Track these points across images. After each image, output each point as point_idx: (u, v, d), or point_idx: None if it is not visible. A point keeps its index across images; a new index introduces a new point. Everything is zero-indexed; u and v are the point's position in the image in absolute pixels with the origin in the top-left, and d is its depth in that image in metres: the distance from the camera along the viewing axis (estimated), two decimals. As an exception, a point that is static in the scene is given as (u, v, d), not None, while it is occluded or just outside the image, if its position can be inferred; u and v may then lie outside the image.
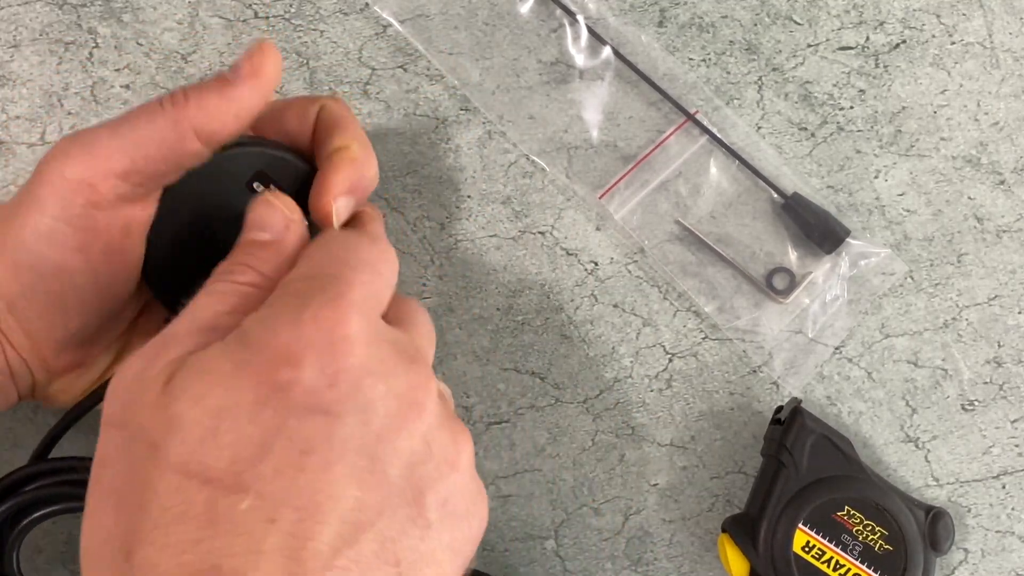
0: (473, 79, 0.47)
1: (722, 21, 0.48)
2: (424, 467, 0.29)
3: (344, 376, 0.28)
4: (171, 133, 0.34)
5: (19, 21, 0.47)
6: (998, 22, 0.49)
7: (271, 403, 0.27)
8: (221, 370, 0.27)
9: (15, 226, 0.35)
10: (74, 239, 0.34)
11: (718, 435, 0.47)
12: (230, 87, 0.35)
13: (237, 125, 0.35)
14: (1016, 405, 0.47)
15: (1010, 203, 0.48)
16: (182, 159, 0.35)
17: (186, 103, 0.34)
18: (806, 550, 0.42)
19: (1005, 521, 0.47)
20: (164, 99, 0.34)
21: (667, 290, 0.47)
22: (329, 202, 0.36)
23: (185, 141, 0.34)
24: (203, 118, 0.34)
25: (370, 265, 0.31)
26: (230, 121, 0.35)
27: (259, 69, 0.35)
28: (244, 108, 0.35)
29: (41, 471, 0.40)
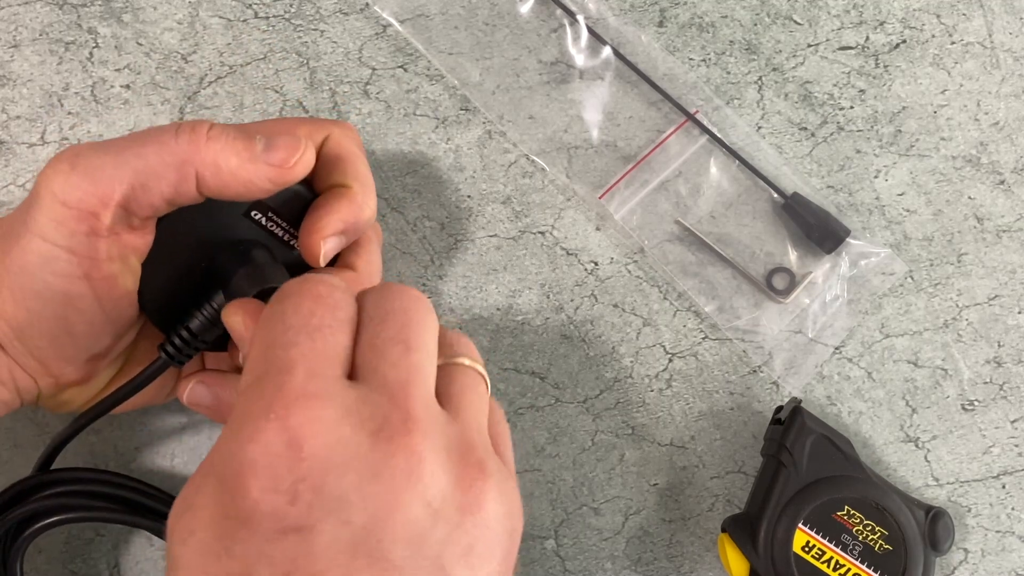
0: (473, 79, 0.47)
1: (722, 21, 0.48)
2: (434, 531, 0.26)
3: (302, 485, 0.25)
4: (174, 173, 0.33)
5: (19, 21, 0.47)
6: (998, 22, 0.49)
7: (242, 535, 0.25)
8: (200, 505, 0.26)
9: (18, 251, 0.34)
10: (77, 267, 0.34)
11: (718, 435, 0.47)
12: (253, 162, 0.34)
13: (242, 195, 0.34)
14: (1016, 405, 0.47)
15: (1010, 203, 0.48)
16: (180, 199, 0.34)
17: (198, 148, 0.33)
18: (806, 550, 0.42)
19: (1005, 521, 0.47)
20: (182, 129, 0.33)
21: (667, 290, 0.47)
22: (318, 243, 0.36)
23: (186, 184, 0.33)
24: (212, 174, 0.33)
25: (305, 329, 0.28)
26: (238, 189, 0.34)
27: (291, 167, 0.34)
28: (256, 188, 0.34)
29: (45, 482, 0.40)
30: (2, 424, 0.45)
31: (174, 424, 0.46)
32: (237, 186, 0.34)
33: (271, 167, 0.34)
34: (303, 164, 0.34)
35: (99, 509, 0.41)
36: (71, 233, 0.33)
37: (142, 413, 0.45)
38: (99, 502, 0.41)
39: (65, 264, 0.34)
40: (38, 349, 0.36)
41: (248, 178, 0.34)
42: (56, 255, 0.34)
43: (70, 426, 0.39)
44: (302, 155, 0.34)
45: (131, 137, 0.34)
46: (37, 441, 0.45)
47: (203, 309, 0.36)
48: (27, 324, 0.35)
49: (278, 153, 0.34)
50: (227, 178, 0.33)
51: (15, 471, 0.45)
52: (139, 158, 0.33)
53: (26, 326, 0.35)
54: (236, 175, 0.34)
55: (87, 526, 0.45)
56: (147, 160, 0.33)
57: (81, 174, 0.33)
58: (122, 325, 0.37)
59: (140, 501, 0.42)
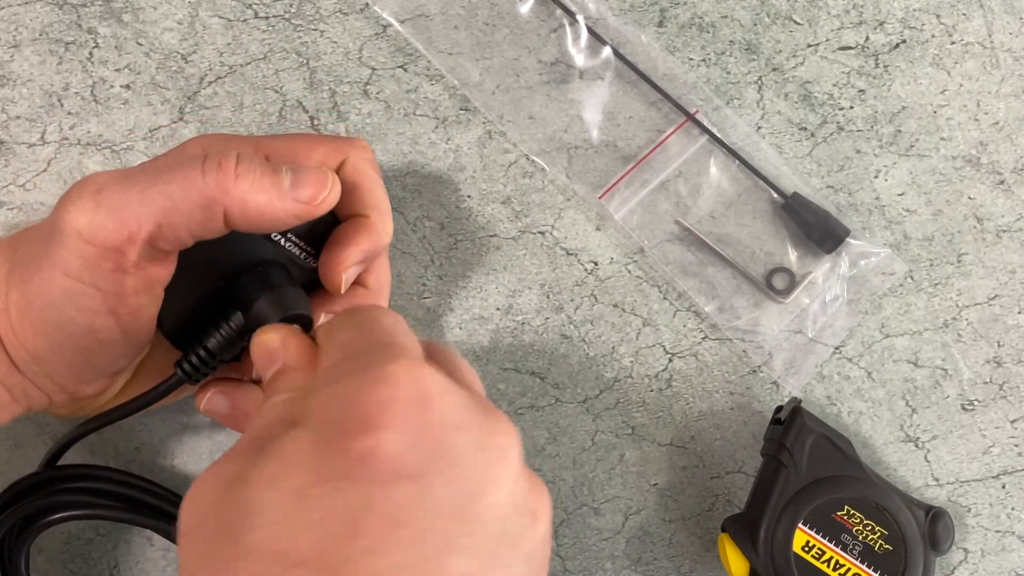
0: (473, 79, 0.47)
1: (722, 21, 0.48)
2: (511, 522, 0.27)
3: (427, 434, 0.26)
4: (201, 212, 0.33)
5: (19, 21, 0.47)
6: (998, 22, 0.49)
7: (354, 475, 0.25)
8: (299, 451, 0.26)
9: (39, 283, 0.34)
10: (103, 303, 0.34)
11: (718, 435, 0.47)
12: (282, 200, 0.34)
13: (267, 229, 0.35)
14: (1016, 405, 0.47)
15: (1010, 203, 0.48)
16: (204, 234, 0.34)
17: (227, 187, 0.33)
18: (806, 550, 0.42)
19: (1005, 521, 0.47)
20: (209, 165, 0.33)
21: (667, 290, 0.47)
22: (340, 275, 0.36)
23: (213, 221, 0.33)
24: (239, 211, 0.33)
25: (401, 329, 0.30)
26: (264, 225, 0.34)
27: (318, 204, 0.34)
28: (282, 223, 0.34)
29: (52, 477, 0.41)
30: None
31: (174, 425, 0.46)
32: (263, 222, 0.34)
33: (299, 204, 0.34)
34: (330, 200, 0.35)
35: (105, 507, 0.41)
36: (96, 270, 0.33)
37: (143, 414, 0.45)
38: (106, 499, 0.41)
39: (90, 300, 0.34)
40: (56, 374, 0.36)
41: (276, 215, 0.34)
42: (81, 291, 0.33)
43: (78, 428, 0.39)
44: (329, 192, 0.35)
45: (155, 170, 0.33)
46: (37, 441, 0.45)
47: (221, 329, 0.36)
48: (47, 352, 0.35)
49: (306, 190, 0.34)
50: (254, 215, 0.33)
51: (15, 471, 0.45)
52: (166, 196, 0.32)
53: (46, 354, 0.35)
54: (263, 212, 0.33)
55: (87, 525, 0.45)
56: (174, 198, 0.32)
57: (106, 213, 0.32)
58: (142, 347, 0.37)
59: (146, 500, 0.42)
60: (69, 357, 0.35)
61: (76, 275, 0.33)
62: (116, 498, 0.41)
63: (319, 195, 0.34)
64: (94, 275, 0.33)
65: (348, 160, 0.38)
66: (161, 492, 0.42)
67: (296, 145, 0.38)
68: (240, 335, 0.36)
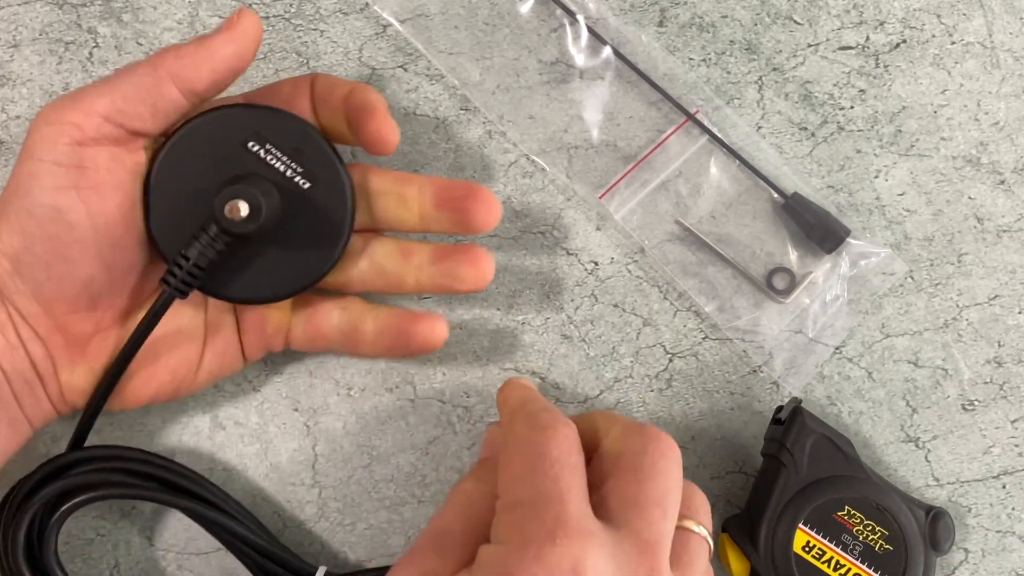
0: (473, 79, 0.47)
1: (722, 21, 0.48)
2: None
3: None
4: (149, 78, 0.36)
5: (19, 21, 0.47)
6: (998, 22, 0.49)
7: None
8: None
9: (12, 178, 0.37)
10: (64, 177, 0.36)
11: (718, 435, 0.47)
12: (206, 39, 0.37)
13: (212, 77, 0.37)
14: (1016, 405, 0.47)
15: (1010, 203, 0.48)
16: (160, 103, 0.37)
17: (163, 52, 0.37)
18: (806, 550, 0.42)
19: (1005, 521, 0.47)
20: (147, 59, 0.37)
21: (667, 290, 0.47)
22: (383, 124, 0.39)
23: (162, 86, 0.36)
24: (179, 66, 0.37)
25: (560, 459, 0.32)
26: (205, 71, 0.37)
27: (233, 25, 0.38)
28: (219, 59, 0.37)
29: (83, 458, 0.41)
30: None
31: (174, 425, 0.46)
32: (204, 66, 0.37)
33: (222, 32, 0.38)
34: (248, 20, 0.38)
35: (134, 486, 0.41)
36: (55, 145, 0.36)
37: (143, 414, 0.45)
38: (135, 479, 0.41)
39: (51, 176, 0.36)
40: (35, 281, 0.37)
41: (210, 51, 0.37)
42: (44, 169, 0.36)
43: (99, 387, 0.40)
44: (242, 13, 0.38)
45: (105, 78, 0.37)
46: (37, 441, 0.45)
47: (198, 236, 0.37)
48: (22, 249, 0.36)
49: (222, 24, 0.38)
50: (192, 61, 0.37)
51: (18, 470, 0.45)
52: (116, 77, 0.37)
53: (22, 251, 0.37)
54: (199, 55, 0.37)
55: (87, 525, 0.45)
56: (122, 77, 0.37)
57: (66, 97, 0.36)
58: (117, 254, 0.38)
59: (175, 481, 0.42)
60: (43, 252, 0.37)
61: (39, 155, 0.36)
62: (145, 478, 0.42)
63: (234, 19, 0.38)
64: (54, 151, 0.36)
65: (315, 79, 0.41)
66: (190, 474, 0.42)
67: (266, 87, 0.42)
68: (214, 239, 0.37)
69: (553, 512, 0.30)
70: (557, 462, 0.32)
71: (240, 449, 0.46)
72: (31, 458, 0.44)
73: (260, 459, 0.45)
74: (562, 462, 0.32)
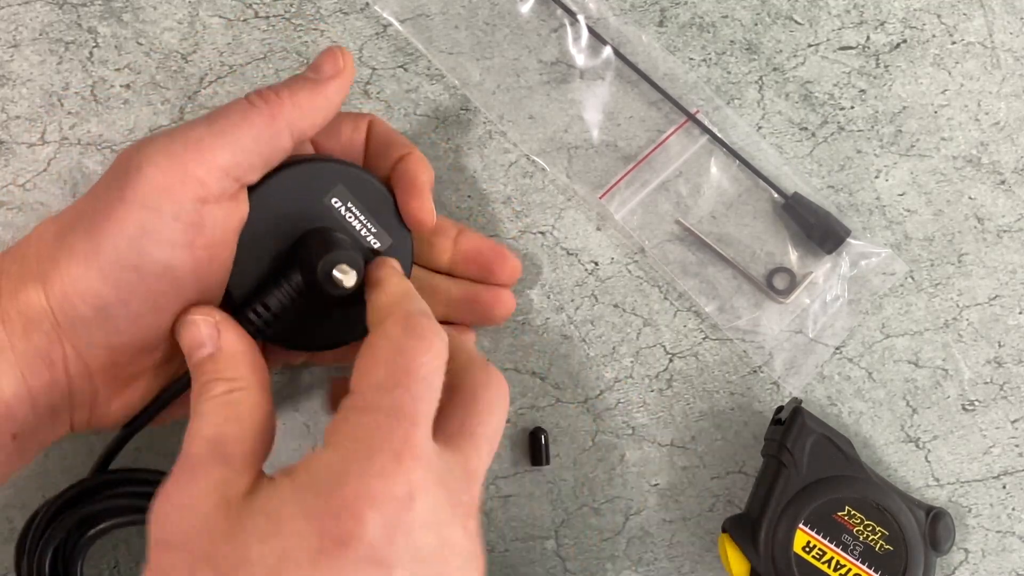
0: (473, 79, 0.47)
1: (722, 21, 0.48)
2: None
3: (402, 530, 0.29)
4: (267, 129, 0.35)
5: (19, 21, 0.47)
6: (999, 22, 0.49)
7: (332, 553, 0.28)
8: (289, 513, 0.29)
9: (113, 225, 0.33)
10: (182, 234, 0.34)
11: (718, 435, 0.47)
12: (320, 85, 0.36)
13: (324, 122, 0.37)
14: (1016, 405, 0.47)
15: (1010, 203, 0.48)
16: (274, 154, 0.36)
17: (279, 100, 0.35)
18: (806, 550, 0.42)
19: (1005, 521, 0.47)
20: (253, 97, 0.35)
21: (667, 290, 0.47)
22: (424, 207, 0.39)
23: (280, 137, 0.35)
24: (297, 114, 0.36)
25: (427, 378, 0.31)
26: (320, 119, 0.37)
27: (343, 69, 0.37)
28: (332, 105, 0.37)
29: (108, 482, 0.40)
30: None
31: (174, 425, 0.45)
32: (319, 113, 0.36)
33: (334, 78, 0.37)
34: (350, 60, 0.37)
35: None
36: (179, 201, 0.33)
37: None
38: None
39: (170, 232, 0.33)
40: (116, 332, 0.35)
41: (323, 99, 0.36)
42: (161, 224, 0.33)
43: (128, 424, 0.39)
44: (346, 55, 0.38)
45: (209, 114, 0.35)
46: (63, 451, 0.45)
47: (281, 286, 0.37)
48: (116, 301, 0.34)
49: (327, 64, 0.37)
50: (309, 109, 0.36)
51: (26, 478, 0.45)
52: (232, 125, 0.35)
53: (114, 303, 0.34)
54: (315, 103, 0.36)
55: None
56: (239, 126, 0.35)
57: (183, 144, 0.34)
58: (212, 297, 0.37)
59: None
60: (138, 306, 0.34)
61: (155, 206, 0.33)
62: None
63: (341, 62, 0.37)
64: (177, 206, 0.33)
65: (372, 121, 0.41)
66: None
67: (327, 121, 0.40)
68: (299, 292, 0.37)
69: (403, 431, 0.30)
70: (423, 380, 0.31)
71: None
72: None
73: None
74: (427, 381, 0.31)
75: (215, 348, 0.35)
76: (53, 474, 0.45)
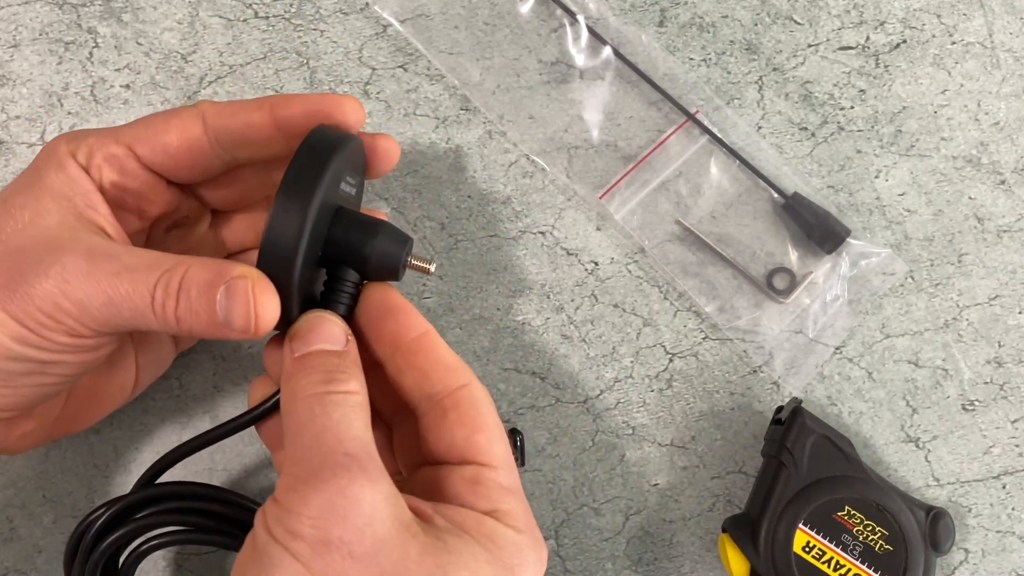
0: (473, 79, 0.47)
1: (722, 21, 0.48)
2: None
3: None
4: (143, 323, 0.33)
5: (19, 21, 0.47)
6: (998, 22, 0.49)
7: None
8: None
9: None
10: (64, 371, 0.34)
11: (718, 435, 0.47)
12: (222, 330, 0.32)
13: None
14: (1016, 405, 0.47)
15: (1010, 203, 0.48)
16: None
17: (168, 316, 0.33)
18: (806, 550, 0.42)
19: (1005, 521, 0.47)
20: (157, 297, 0.32)
21: (667, 290, 0.47)
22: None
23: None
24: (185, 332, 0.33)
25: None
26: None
27: (250, 331, 0.33)
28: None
29: (152, 496, 0.38)
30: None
31: (174, 425, 0.46)
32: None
33: (234, 331, 0.32)
34: (263, 325, 0.32)
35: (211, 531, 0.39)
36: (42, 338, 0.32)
37: (142, 413, 0.45)
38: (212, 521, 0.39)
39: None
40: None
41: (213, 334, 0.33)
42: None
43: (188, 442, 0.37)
44: (258, 318, 0.32)
45: (115, 271, 0.32)
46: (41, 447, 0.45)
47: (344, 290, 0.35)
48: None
49: (237, 321, 0.32)
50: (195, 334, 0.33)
51: (17, 470, 0.45)
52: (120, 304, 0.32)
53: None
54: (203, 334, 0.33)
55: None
56: (123, 304, 0.32)
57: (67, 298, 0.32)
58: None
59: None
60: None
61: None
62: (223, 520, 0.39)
63: (248, 325, 0.32)
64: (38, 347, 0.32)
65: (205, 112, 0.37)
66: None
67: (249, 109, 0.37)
68: (359, 288, 0.35)
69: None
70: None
71: (240, 449, 0.46)
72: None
73: (260, 459, 0.45)
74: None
75: (343, 347, 0.33)
76: (53, 474, 0.45)
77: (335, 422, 0.30)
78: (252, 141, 0.36)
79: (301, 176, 0.33)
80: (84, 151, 0.35)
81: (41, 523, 0.45)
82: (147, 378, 0.41)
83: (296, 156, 0.33)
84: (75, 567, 0.38)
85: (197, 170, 0.37)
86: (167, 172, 0.36)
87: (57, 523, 0.45)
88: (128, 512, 0.38)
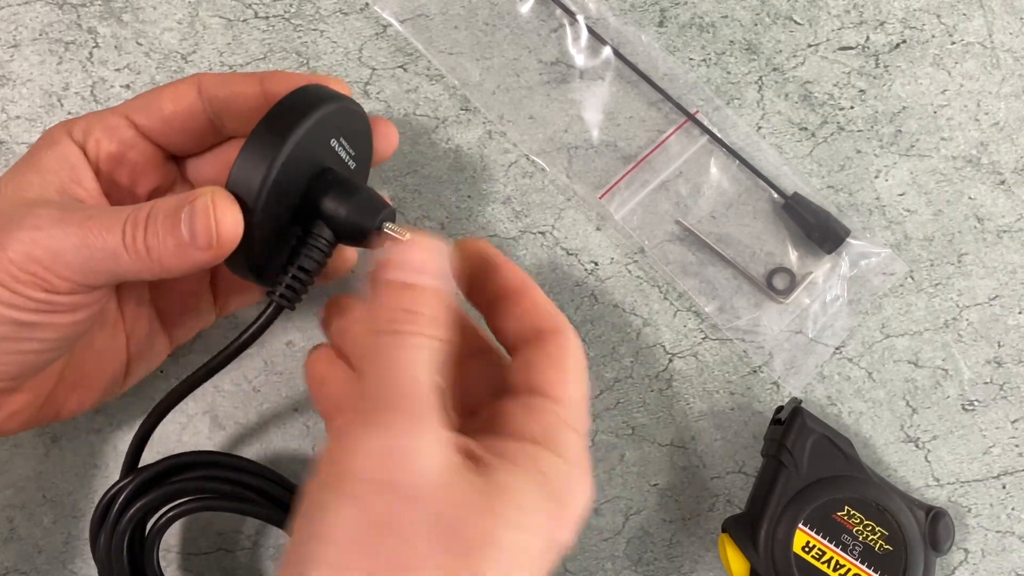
0: (473, 79, 0.47)
1: (722, 21, 0.48)
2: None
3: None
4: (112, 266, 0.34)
5: (19, 21, 0.47)
6: (998, 22, 0.49)
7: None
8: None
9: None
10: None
11: (718, 435, 0.47)
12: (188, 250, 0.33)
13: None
14: (1016, 405, 0.47)
15: (1010, 203, 0.48)
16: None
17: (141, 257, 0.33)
18: (806, 550, 0.42)
19: (1005, 521, 0.47)
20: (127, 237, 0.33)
21: (667, 290, 0.47)
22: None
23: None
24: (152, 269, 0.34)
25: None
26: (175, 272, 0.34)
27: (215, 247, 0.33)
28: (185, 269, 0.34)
29: (184, 464, 0.41)
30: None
31: (174, 425, 0.46)
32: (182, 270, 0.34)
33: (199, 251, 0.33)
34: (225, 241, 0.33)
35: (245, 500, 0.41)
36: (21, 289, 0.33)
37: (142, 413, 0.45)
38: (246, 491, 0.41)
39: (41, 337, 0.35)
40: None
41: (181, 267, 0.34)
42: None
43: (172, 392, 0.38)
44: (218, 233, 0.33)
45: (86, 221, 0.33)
46: (37, 441, 0.45)
47: (315, 244, 0.35)
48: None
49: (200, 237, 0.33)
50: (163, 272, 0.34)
51: (17, 470, 0.45)
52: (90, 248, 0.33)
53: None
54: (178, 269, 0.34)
55: (87, 526, 0.45)
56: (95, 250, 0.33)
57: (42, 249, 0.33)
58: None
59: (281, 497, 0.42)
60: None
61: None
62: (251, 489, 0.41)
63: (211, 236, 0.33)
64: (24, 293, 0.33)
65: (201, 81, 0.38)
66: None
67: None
68: (332, 247, 0.35)
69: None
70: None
71: (240, 450, 0.46)
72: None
73: (260, 459, 0.45)
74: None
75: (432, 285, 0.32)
76: (53, 474, 0.45)
77: (403, 364, 0.30)
78: (242, 111, 0.37)
79: (282, 114, 0.34)
80: (82, 126, 0.37)
81: (41, 523, 0.45)
82: (139, 368, 0.41)
83: (284, 97, 0.34)
84: (102, 535, 0.39)
85: (192, 137, 0.38)
86: (163, 139, 0.38)
87: (57, 523, 0.45)
88: (155, 480, 0.40)
